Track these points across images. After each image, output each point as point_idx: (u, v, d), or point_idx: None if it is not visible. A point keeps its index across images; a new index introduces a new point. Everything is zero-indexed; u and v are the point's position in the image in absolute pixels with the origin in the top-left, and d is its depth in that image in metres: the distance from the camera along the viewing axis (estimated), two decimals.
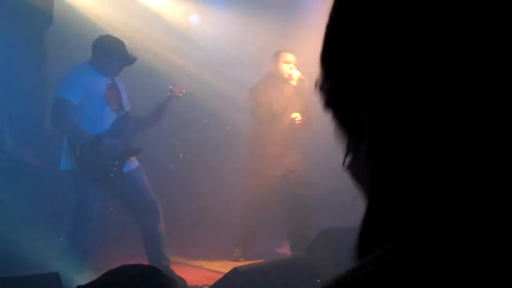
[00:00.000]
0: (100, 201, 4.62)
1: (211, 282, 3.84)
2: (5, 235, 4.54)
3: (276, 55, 5.71)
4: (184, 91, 4.72)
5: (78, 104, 4.48)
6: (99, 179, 4.53)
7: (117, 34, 4.94)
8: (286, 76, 5.60)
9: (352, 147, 0.59)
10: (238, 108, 6.87)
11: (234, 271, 3.75)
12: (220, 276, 3.82)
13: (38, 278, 3.49)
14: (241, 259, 5.62)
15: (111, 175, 4.56)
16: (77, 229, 4.57)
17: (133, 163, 4.78)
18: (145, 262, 4.75)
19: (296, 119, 5.57)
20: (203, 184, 7.01)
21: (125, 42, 4.78)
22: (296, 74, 5.58)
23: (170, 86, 4.71)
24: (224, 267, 5.00)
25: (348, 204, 6.24)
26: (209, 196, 6.89)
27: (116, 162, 4.59)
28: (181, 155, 7.21)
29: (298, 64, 5.65)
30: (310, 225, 5.64)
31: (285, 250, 5.99)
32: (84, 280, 4.31)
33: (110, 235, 4.74)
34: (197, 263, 5.63)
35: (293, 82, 5.61)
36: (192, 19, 7.37)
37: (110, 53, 4.64)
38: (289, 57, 5.68)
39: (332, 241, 4.14)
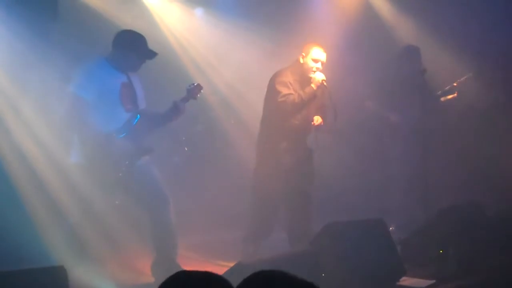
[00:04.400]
0: (107, 196, 4.58)
1: None
2: (8, 230, 4.55)
3: (306, 48, 5.32)
4: (202, 91, 4.64)
5: (91, 101, 4.39)
6: (108, 176, 4.46)
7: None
8: (310, 75, 5.25)
9: None
10: (244, 102, 6.86)
11: (239, 264, 3.75)
12: (226, 270, 3.82)
13: (45, 271, 3.49)
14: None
15: (120, 174, 4.49)
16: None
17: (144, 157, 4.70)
18: (149, 253, 4.76)
19: (316, 122, 5.34)
20: (209, 178, 7.00)
21: None
22: (320, 77, 5.23)
23: (189, 87, 4.59)
24: (229, 261, 4.98)
25: (352, 199, 6.19)
26: (214, 190, 6.88)
27: (126, 162, 4.50)
28: (186, 149, 7.21)
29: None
30: (311, 220, 5.50)
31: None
32: (88, 273, 4.30)
33: (113, 228, 4.72)
34: (202, 256, 5.62)
35: (313, 86, 5.24)
36: (198, 12, 7.36)
37: (132, 47, 4.55)
38: (319, 54, 5.29)
39: (337, 234, 4.12)
